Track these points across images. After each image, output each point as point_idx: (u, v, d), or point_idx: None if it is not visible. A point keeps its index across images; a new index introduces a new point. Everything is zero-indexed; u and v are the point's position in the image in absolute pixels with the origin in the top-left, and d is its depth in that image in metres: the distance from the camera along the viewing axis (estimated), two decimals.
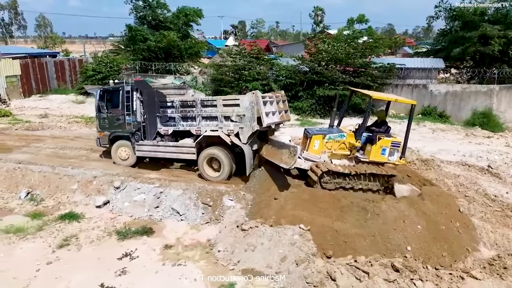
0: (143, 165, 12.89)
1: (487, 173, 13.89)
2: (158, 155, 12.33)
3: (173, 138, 12.27)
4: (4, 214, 10.32)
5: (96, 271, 7.87)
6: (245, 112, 10.95)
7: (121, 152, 12.76)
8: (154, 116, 12.10)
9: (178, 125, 11.96)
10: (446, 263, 8.29)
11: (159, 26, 29.88)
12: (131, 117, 12.19)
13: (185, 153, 11.94)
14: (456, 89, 21.77)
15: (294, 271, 7.48)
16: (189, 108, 11.69)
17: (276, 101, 11.72)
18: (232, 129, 11.24)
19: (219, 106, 11.26)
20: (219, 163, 11.55)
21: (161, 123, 12.14)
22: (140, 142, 12.31)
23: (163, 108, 12.00)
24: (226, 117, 11.27)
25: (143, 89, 12.15)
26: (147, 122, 12.21)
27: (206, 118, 11.57)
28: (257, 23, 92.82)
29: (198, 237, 9.17)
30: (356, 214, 9.12)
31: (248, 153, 11.03)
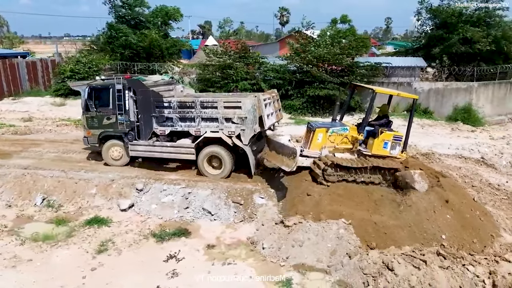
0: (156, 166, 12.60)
1: (483, 165, 14.75)
2: (154, 155, 12.15)
3: (168, 138, 12.11)
4: (24, 222, 9.85)
5: (146, 274, 7.71)
6: (247, 114, 11.04)
7: (113, 152, 12.46)
8: (149, 116, 11.83)
9: (176, 125, 11.78)
10: (477, 249, 8.78)
11: (138, 25, 29.24)
12: (123, 117, 11.93)
13: (183, 153, 11.83)
14: (439, 86, 22.89)
15: (348, 263, 7.69)
16: (187, 109, 11.56)
17: (272, 101, 12.01)
18: (233, 130, 11.29)
19: (220, 108, 11.25)
20: (219, 161, 11.62)
21: (157, 123, 11.89)
22: (135, 142, 12.08)
23: (159, 108, 11.75)
24: (227, 118, 11.29)
25: (137, 88, 11.83)
26: (142, 122, 11.96)
27: (206, 120, 11.50)
28: (225, 22, 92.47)
29: (237, 235, 9.17)
30: (389, 206, 9.47)
31: (250, 154, 11.27)
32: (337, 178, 10.07)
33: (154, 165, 12.49)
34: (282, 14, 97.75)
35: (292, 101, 22.49)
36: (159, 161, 12.62)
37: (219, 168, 11.65)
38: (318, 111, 22.28)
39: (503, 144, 17.52)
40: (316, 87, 21.67)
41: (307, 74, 22.45)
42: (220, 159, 11.54)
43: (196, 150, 11.60)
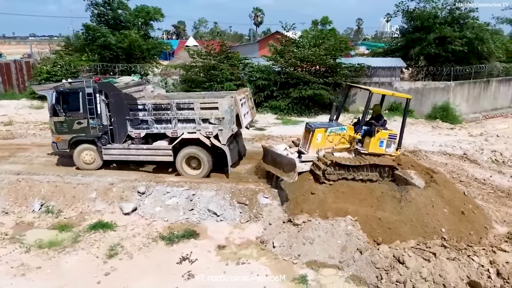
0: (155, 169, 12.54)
1: (467, 160, 15.45)
2: (130, 158, 12.17)
3: (143, 141, 12.07)
4: (24, 229, 9.62)
5: (161, 276, 7.74)
6: (224, 115, 11.20)
7: (85, 156, 12.32)
8: (123, 119, 11.74)
9: (152, 127, 11.75)
10: (475, 241, 9.24)
11: (118, 25, 28.69)
12: (95, 121, 11.78)
13: (161, 155, 11.90)
14: (418, 86, 23.72)
15: (359, 258, 7.96)
16: (163, 111, 11.56)
17: (246, 100, 12.35)
18: (211, 131, 11.43)
19: (197, 109, 11.34)
20: (197, 161, 11.81)
21: (132, 126, 11.80)
22: (108, 146, 12.00)
23: (133, 111, 11.67)
24: (204, 119, 11.40)
25: (109, 91, 11.72)
26: (115, 126, 11.85)
27: (183, 121, 11.56)
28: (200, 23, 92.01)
29: (245, 235, 9.30)
30: (391, 202, 9.82)
31: (229, 154, 11.51)
32: (337, 176, 10.36)
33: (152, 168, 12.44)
34: (257, 14, 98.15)
35: (277, 102, 22.74)
36: (135, 164, 12.58)
37: (198, 168, 11.81)
38: (304, 111, 22.61)
39: (482, 140, 18.36)
40: (301, 88, 21.99)
41: (291, 75, 22.76)
42: (199, 159, 11.69)
43: (173, 151, 11.67)
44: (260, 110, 23.14)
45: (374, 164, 10.68)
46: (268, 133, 18.04)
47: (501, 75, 26.75)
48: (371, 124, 11.27)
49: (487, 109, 25.45)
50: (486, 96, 25.25)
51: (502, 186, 12.62)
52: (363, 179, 10.63)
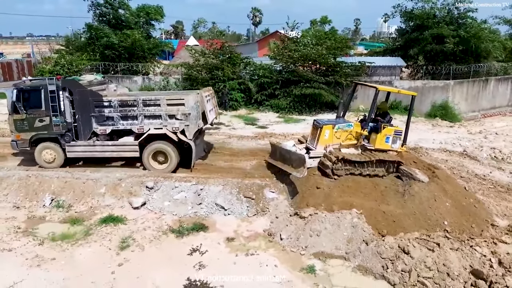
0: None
1: (467, 157, 15.73)
2: (95, 155, 12.25)
3: (108, 137, 12.19)
4: (36, 223, 9.81)
5: (173, 267, 7.95)
6: (190, 110, 11.51)
7: (46, 154, 12.29)
8: (88, 116, 11.84)
9: (118, 124, 11.92)
10: (476, 233, 9.50)
11: (119, 25, 28.87)
12: (59, 118, 11.79)
13: (127, 151, 12.07)
14: (417, 84, 23.98)
15: (366, 249, 8.21)
16: (129, 107, 11.74)
17: (211, 97, 12.74)
18: (177, 126, 11.69)
19: (163, 105, 11.60)
20: (164, 156, 12.08)
21: (97, 122, 11.92)
22: (72, 143, 12.05)
23: (99, 107, 11.79)
24: (171, 115, 11.66)
25: (74, 89, 11.80)
26: (80, 122, 11.89)
27: (149, 117, 11.78)
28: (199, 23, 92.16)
29: (253, 228, 9.53)
30: (394, 196, 10.10)
31: (195, 148, 11.84)
32: (345, 172, 10.63)
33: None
34: (255, 14, 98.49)
35: (279, 101, 22.97)
36: (99, 160, 12.70)
37: (165, 163, 12.09)
38: (305, 110, 22.83)
39: (481, 138, 18.65)
40: (302, 86, 22.23)
41: (293, 73, 23.00)
42: (166, 154, 11.98)
43: (140, 147, 11.90)
44: (261, 108, 23.43)
45: (381, 160, 10.95)
46: (271, 131, 18.27)
47: (499, 74, 27.07)
48: (378, 121, 11.54)
49: (485, 107, 25.74)
50: (484, 95, 25.54)
51: (502, 182, 12.90)
52: (369, 174, 10.91)
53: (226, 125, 19.48)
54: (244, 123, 20.21)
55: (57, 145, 12.14)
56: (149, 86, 26.44)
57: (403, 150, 11.86)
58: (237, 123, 20.20)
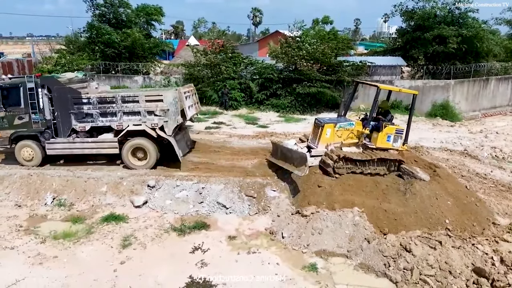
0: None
1: (467, 156, 15.74)
2: (75, 152, 12.25)
3: (88, 134, 12.19)
4: (38, 222, 9.83)
5: (175, 265, 7.96)
6: (169, 106, 11.56)
7: (24, 152, 12.29)
8: (67, 113, 11.85)
9: (97, 121, 11.94)
10: (477, 232, 9.51)
11: (120, 24, 28.88)
12: (38, 115, 11.84)
13: (106, 147, 12.06)
14: (418, 84, 23.98)
15: (367, 247, 8.21)
16: (108, 104, 11.78)
17: (191, 94, 12.79)
18: (156, 122, 11.76)
19: (142, 101, 11.66)
20: (144, 152, 12.09)
21: (76, 119, 11.93)
22: (52, 141, 12.06)
23: (78, 104, 11.81)
24: (150, 112, 11.72)
25: (52, 86, 11.82)
26: (59, 120, 11.91)
27: (128, 113, 11.83)
28: (199, 23, 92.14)
29: (255, 227, 9.54)
30: (396, 195, 10.10)
31: (175, 144, 11.86)
32: (346, 170, 10.63)
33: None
34: (255, 14, 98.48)
35: (280, 100, 22.96)
36: (80, 158, 12.69)
37: (145, 159, 12.12)
38: (306, 109, 22.82)
39: (482, 137, 18.66)
40: (305, 85, 22.23)
41: (295, 72, 22.99)
42: (145, 150, 12.00)
43: (119, 143, 11.93)
44: (262, 108, 23.42)
45: (382, 158, 10.95)
46: (271, 130, 18.26)
47: (500, 74, 27.08)
48: (379, 120, 11.54)
49: (486, 107, 25.73)
50: (485, 94, 25.53)
51: (503, 181, 12.91)
52: (371, 173, 10.90)
53: (227, 125, 19.48)
54: (244, 122, 20.21)
55: (36, 143, 12.14)
56: (149, 86, 26.43)
57: (404, 149, 11.88)
58: (237, 122, 20.19)
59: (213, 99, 23.91)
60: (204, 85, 23.95)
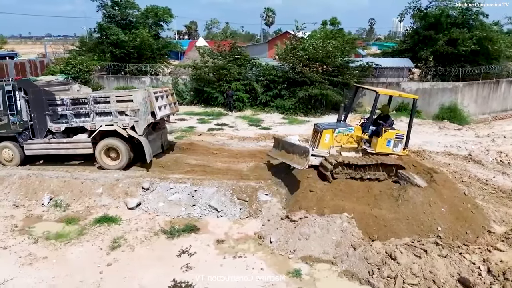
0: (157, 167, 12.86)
1: (471, 161, 15.44)
2: (51, 152, 12.56)
3: (65, 135, 12.50)
4: (33, 222, 10.06)
5: (160, 268, 8.04)
6: (139, 106, 11.77)
7: (4, 153, 12.72)
8: (43, 114, 12.18)
9: (71, 122, 12.24)
10: (471, 240, 9.35)
11: (128, 25, 29.26)
12: (16, 117, 12.18)
13: (81, 148, 12.32)
14: (425, 86, 23.69)
15: (353, 254, 8.16)
16: (81, 105, 12.05)
17: (166, 95, 12.91)
18: (127, 122, 11.99)
19: (113, 102, 11.92)
20: (116, 152, 12.24)
21: (52, 121, 12.26)
22: (29, 141, 12.40)
23: (52, 106, 12.12)
24: (121, 112, 11.96)
25: (28, 88, 12.18)
26: (35, 121, 12.28)
27: (100, 114, 12.08)
28: (212, 23, 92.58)
29: (244, 231, 9.55)
30: (388, 201, 10.00)
31: (145, 144, 12.02)
32: (345, 176, 10.61)
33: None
34: (268, 14, 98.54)
35: (284, 101, 22.94)
36: (59, 158, 12.97)
37: (118, 159, 12.30)
38: (310, 111, 22.75)
39: (488, 141, 18.28)
40: (307, 88, 22.14)
41: (299, 74, 22.93)
42: (117, 150, 12.17)
43: (94, 144, 12.15)
44: (267, 109, 23.44)
45: (381, 164, 10.87)
46: (274, 132, 18.23)
47: (511, 76, 26.50)
48: (379, 124, 11.45)
49: (496, 110, 25.26)
50: (495, 97, 25.06)
51: (504, 187, 12.64)
52: (370, 178, 10.83)
53: (229, 126, 19.56)
54: (248, 124, 20.26)
55: (15, 143, 12.52)
56: (157, 87, 26.69)
57: (404, 154, 11.75)
58: (241, 124, 20.26)
59: (219, 100, 24.04)
60: (210, 87, 24.12)
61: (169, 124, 19.11)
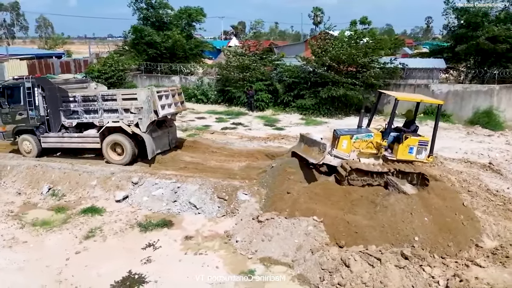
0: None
1: (489, 170, 14.35)
2: (64, 145, 13.46)
3: (77, 130, 13.30)
4: (28, 209, 10.85)
5: (123, 259, 8.37)
6: (142, 104, 12.24)
7: (24, 145, 13.67)
8: (57, 110, 13.05)
9: (82, 117, 13.03)
10: (451, 253, 8.77)
11: (162, 26, 30.34)
12: (34, 112, 13.09)
13: (90, 142, 13.05)
14: (458, 88, 22.25)
15: (310, 259, 7.98)
16: (91, 102, 12.78)
17: (172, 94, 13.11)
18: (132, 120, 12.48)
19: (119, 100, 12.51)
20: (122, 147, 12.66)
21: (65, 116, 13.15)
22: (46, 135, 13.32)
23: (65, 102, 12.98)
24: (126, 109, 12.48)
25: (45, 85, 13.06)
26: (51, 116, 13.18)
27: (108, 111, 12.71)
28: (256, 23, 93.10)
29: (216, 229, 9.66)
30: (366, 207, 9.63)
31: (148, 140, 12.42)
32: (362, 182, 10.39)
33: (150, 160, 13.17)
34: (316, 14, 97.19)
35: (304, 101, 22.63)
36: (74, 152, 13.72)
37: (123, 155, 12.78)
38: (332, 112, 22.25)
39: None
40: (330, 88, 21.68)
41: (320, 75, 22.52)
42: (122, 146, 12.67)
43: (101, 139, 12.78)
44: (287, 109, 23.29)
45: (400, 171, 10.46)
46: (286, 133, 18.14)
47: None
48: (401, 131, 11.04)
49: None
50: None
51: None
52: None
53: (244, 126, 19.69)
54: (263, 124, 20.28)
55: (33, 136, 13.50)
56: (185, 86, 27.49)
57: (429, 161, 11.22)
58: (256, 123, 20.32)
59: (241, 100, 24.28)
60: (233, 86, 24.41)
61: (186, 122, 19.77)
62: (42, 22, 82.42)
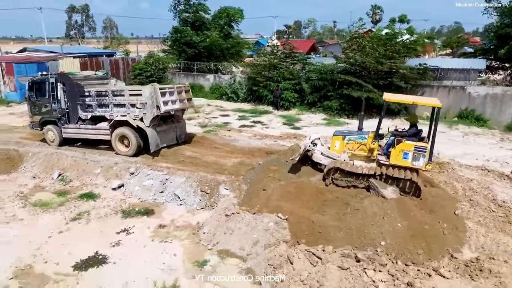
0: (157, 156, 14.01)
1: (506, 179, 13.31)
2: (81, 136, 14.78)
3: (92, 122, 14.50)
4: (36, 191, 12.02)
5: (96, 241, 9.05)
6: (146, 100, 12.98)
7: (49, 135, 15.18)
8: (75, 103, 14.35)
9: (95, 111, 14.17)
10: (419, 261, 8.38)
11: (202, 26, 31.42)
12: (56, 105, 14.49)
13: (102, 134, 14.23)
14: (497, 91, 20.67)
15: (261, 254, 8.12)
16: (103, 97, 13.84)
17: (178, 91, 13.63)
18: (137, 114, 13.35)
19: (126, 95, 13.42)
20: (128, 140, 13.61)
21: (82, 109, 14.42)
22: (66, 126, 14.75)
23: (82, 97, 14.21)
24: (132, 104, 13.33)
25: (66, 81, 14.34)
26: (70, 109, 14.52)
27: (117, 105, 13.68)
28: (309, 22, 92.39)
29: (191, 220, 10.09)
30: (338, 208, 9.50)
31: (151, 134, 13.25)
32: (346, 183, 10.44)
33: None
34: (375, 12, 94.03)
35: (330, 102, 22.34)
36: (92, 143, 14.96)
37: (129, 147, 13.70)
38: (355, 113, 21.73)
39: None
40: (353, 89, 21.21)
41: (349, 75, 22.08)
42: (129, 139, 13.59)
43: (112, 132, 13.85)
44: (313, 109, 23.13)
45: (389, 176, 10.21)
46: (300, 133, 18.11)
47: None
48: (396, 135, 10.85)
49: None
50: None
51: None
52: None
53: (263, 124, 19.94)
54: (283, 123, 20.38)
55: (56, 127, 14.90)
56: (218, 84, 28.32)
57: (428, 169, 10.68)
58: (276, 122, 20.47)
59: (268, 99, 24.53)
60: (261, 85, 24.72)
61: (208, 119, 20.46)
62: (108, 23, 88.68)
